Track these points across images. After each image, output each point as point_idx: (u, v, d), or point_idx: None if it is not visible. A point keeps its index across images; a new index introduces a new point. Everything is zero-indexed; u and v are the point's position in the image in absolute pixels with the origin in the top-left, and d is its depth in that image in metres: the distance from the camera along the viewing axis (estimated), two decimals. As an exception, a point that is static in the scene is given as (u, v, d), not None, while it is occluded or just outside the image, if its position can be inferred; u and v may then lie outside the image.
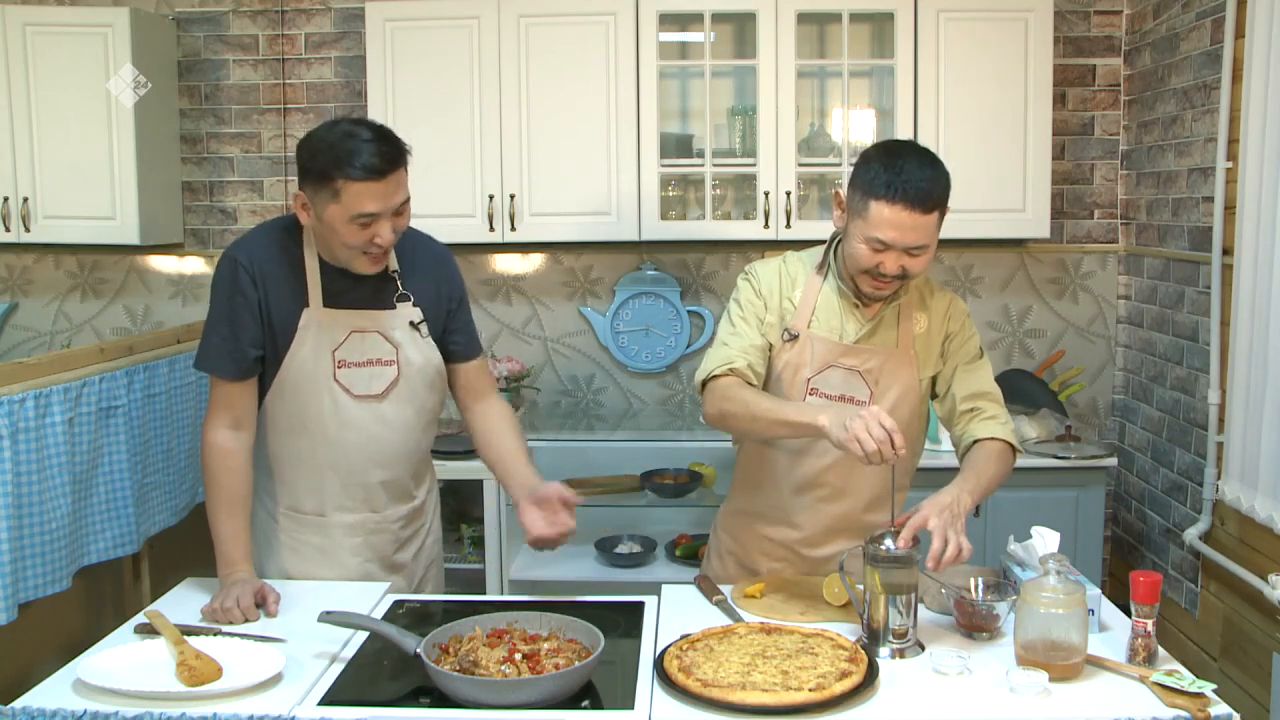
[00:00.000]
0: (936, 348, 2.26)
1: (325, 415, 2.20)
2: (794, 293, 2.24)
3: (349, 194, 2.03)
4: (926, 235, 2.06)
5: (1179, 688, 1.72)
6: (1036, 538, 2.09)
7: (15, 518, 2.31)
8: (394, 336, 2.24)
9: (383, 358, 2.23)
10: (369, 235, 2.09)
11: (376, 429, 2.24)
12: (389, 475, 2.30)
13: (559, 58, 3.65)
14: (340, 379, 2.20)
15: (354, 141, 2.03)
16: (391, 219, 2.10)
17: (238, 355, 2.16)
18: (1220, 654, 3.17)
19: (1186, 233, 3.45)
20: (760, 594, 2.16)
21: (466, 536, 3.71)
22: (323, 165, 2.04)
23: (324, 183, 2.05)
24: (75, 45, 3.66)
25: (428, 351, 2.28)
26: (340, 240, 2.10)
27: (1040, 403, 3.77)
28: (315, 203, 2.09)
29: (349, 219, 2.06)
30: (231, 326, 2.16)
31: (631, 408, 4.09)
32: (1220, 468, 3.14)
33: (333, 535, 2.29)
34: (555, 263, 4.07)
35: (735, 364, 2.16)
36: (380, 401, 2.23)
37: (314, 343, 2.18)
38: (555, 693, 1.72)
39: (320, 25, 4.04)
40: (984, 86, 3.61)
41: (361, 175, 2.02)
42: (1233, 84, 3.09)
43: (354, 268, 2.16)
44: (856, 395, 2.20)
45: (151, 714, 1.70)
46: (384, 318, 2.23)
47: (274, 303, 2.17)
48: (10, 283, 4.18)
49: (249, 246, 2.20)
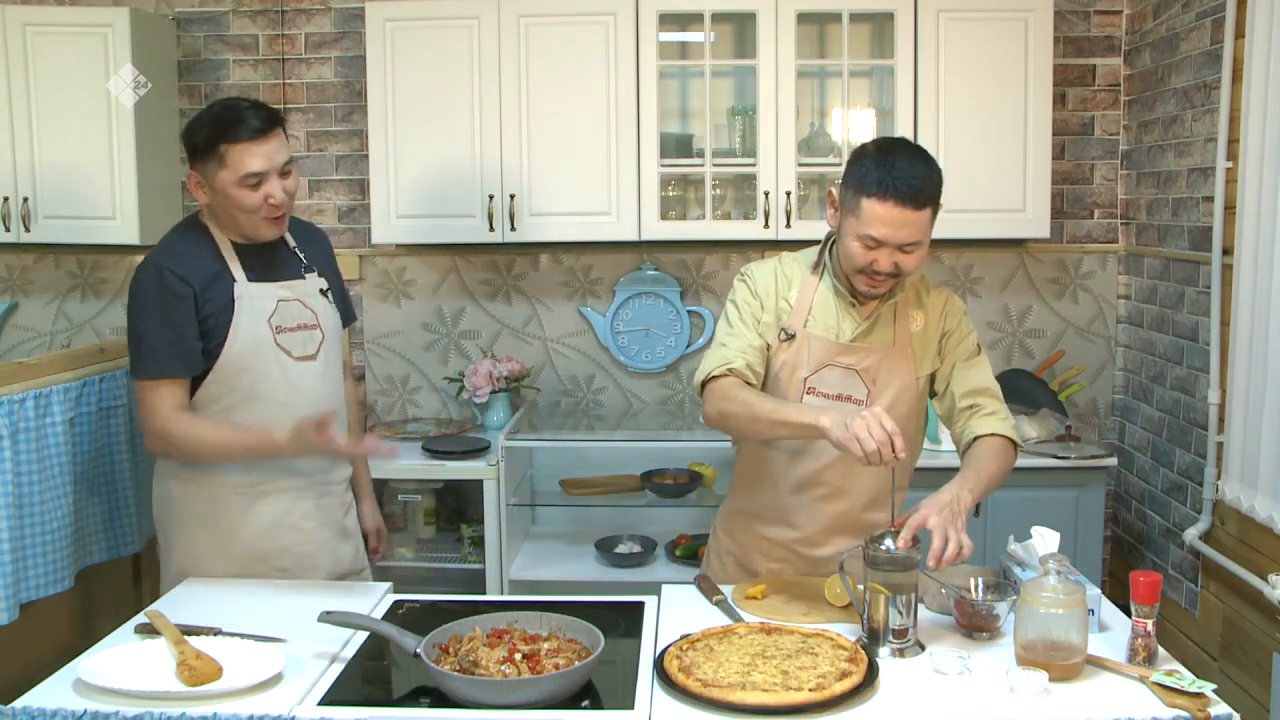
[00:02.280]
0: (934, 345, 2.27)
1: (274, 379, 2.34)
2: (790, 293, 2.25)
3: (234, 155, 2.23)
4: (919, 232, 2.08)
5: (1179, 688, 1.72)
6: (1036, 538, 2.09)
7: (16, 518, 2.31)
8: (311, 303, 2.42)
9: (307, 322, 2.40)
10: (261, 195, 2.26)
11: (319, 387, 2.41)
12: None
13: (559, 58, 3.65)
14: (280, 342, 2.35)
15: (232, 112, 2.25)
16: (279, 179, 2.28)
17: (185, 353, 2.28)
18: (1220, 654, 3.17)
19: (1186, 233, 3.45)
20: (762, 595, 2.16)
21: (466, 536, 3.71)
22: (207, 136, 2.24)
23: (211, 153, 2.24)
24: (75, 45, 3.66)
25: (335, 316, 2.49)
26: (237, 206, 2.27)
27: (1040, 403, 3.77)
28: (206, 175, 2.27)
29: (238, 180, 2.24)
30: (173, 328, 2.26)
31: (631, 408, 4.09)
32: (1220, 468, 3.14)
33: (285, 500, 2.39)
34: (555, 263, 4.07)
35: (734, 364, 2.17)
36: (315, 362, 2.40)
37: (250, 311, 2.32)
38: (555, 693, 1.72)
39: (320, 25, 4.04)
40: (984, 86, 3.61)
41: (245, 136, 2.22)
42: (1233, 84, 3.09)
43: (258, 234, 2.34)
44: (854, 394, 2.21)
45: (151, 714, 1.70)
46: (300, 286, 2.42)
47: (205, 293, 2.28)
48: (10, 283, 4.18)
49: (165, 252, 2.34)
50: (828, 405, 2.14)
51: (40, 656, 2.25)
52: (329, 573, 2.44)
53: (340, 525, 2.50)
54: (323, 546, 2.44)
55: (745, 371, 2.17)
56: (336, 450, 2.32)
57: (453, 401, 4.10)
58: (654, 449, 3.76)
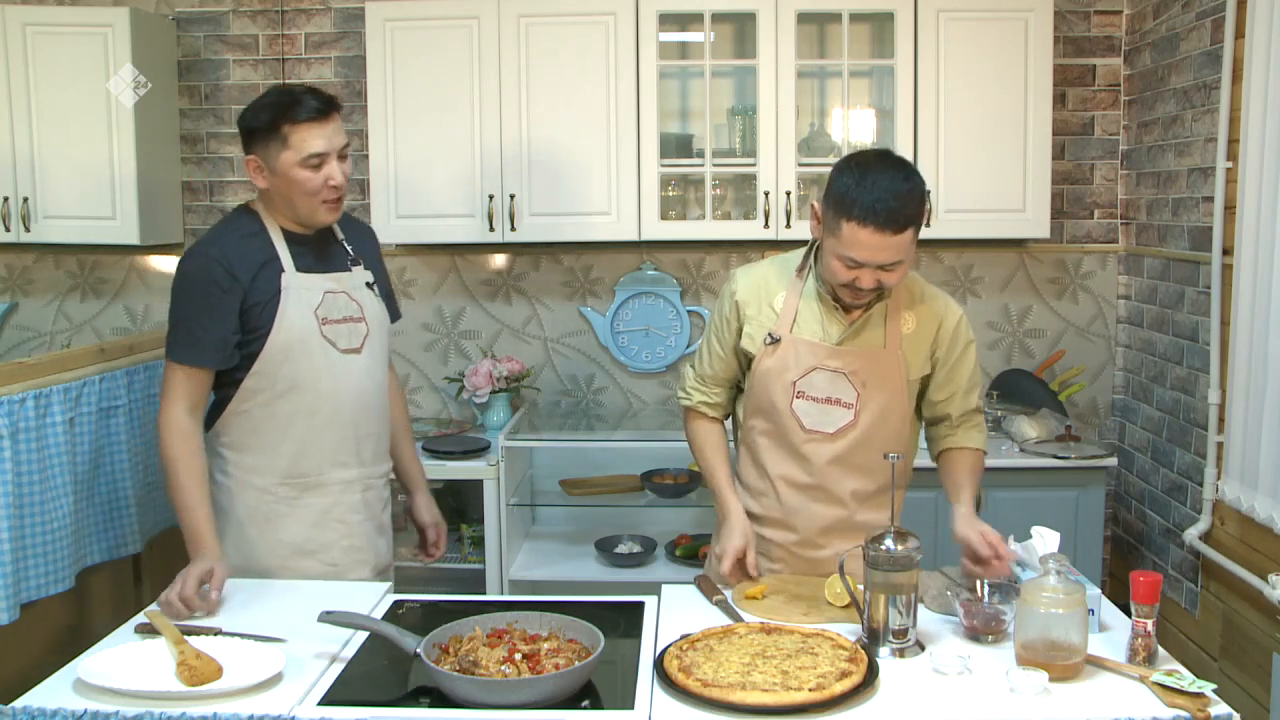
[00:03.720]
0: (925, 349, 2.25)
1: (319, 370, 2.33)
2: (775, 299, 2.26)
3: (297, 136, 2.24)
4: (899, 253, 2.06)
5: (1179, 688, 1.72)
6: (1036, 538, 2.09)
7: (16, 518, 2.31)
8: (357, 296, 2.42)
9: (353, 315, 2.40)
10: (323, 177, 2.27)
11: (364, 380, 2.40)
12: (374, 428, 2.46)
13: (559, 58, 3.65)
14: (326, 334, 2.34)
15: (292, 95, 2.27)
16: (338, 161, 2.29)
17: (217, 344, 2.27)
18: (1220, 654, 3.17)
19: (1186, 233, 3.45)
20: (762, 595, 2.16)
21: (466, 536, 3.71)
22: (270, 118, 2.25)
23: (273, 134, 2.25)
24: (75, 45, 3.66)
25: (382, 309, 2.50)
26: (299, 188, 2.27)
27: (1040, 403, 3.77)
28: (267, 158, 2.27)
29: (301, 161, 2.25)
30: (212, 318, 2.26)
31: (631, 408, 4.09)
32: (1220, 468, 3.14)
33: (333, 493, 2.40)
34: (555, 263, 4.07)
35: (690, 401, 2.39)
36: (359, 355, 2.40)
37: (297, 302, 2.31)
38: (555, 693, 1.72)
39: (320, 25, 4.04)
40: (984, 86, 3.61)
41: (306, 116, 2.24)
42: (1233, 84, 3.09)
43: (315, 219, 2.33)
44: (843, 397, 2.21)
45: (151, 714, 1.70)
46: (346, 278, 2.42)
47: (252, 283, 2.28)
48: (10, 283, 4.18)
49: (214, 241, 2.33)
50: (733, 509, 2.29)
51: (40, 656, 2.25)
52: (373, 567, 2.47)
53: (380, 521, 2.52)
54: (367, 540, 2.46)
55: (700, 408, 2.38)
56: (176, 615, 2.08)
57: (453, 401, 4.10)
58: (654, 449, 3.76)
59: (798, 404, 2.21)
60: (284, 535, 2.36)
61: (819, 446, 2.21)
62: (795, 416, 2.22)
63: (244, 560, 2.35)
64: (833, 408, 2.20)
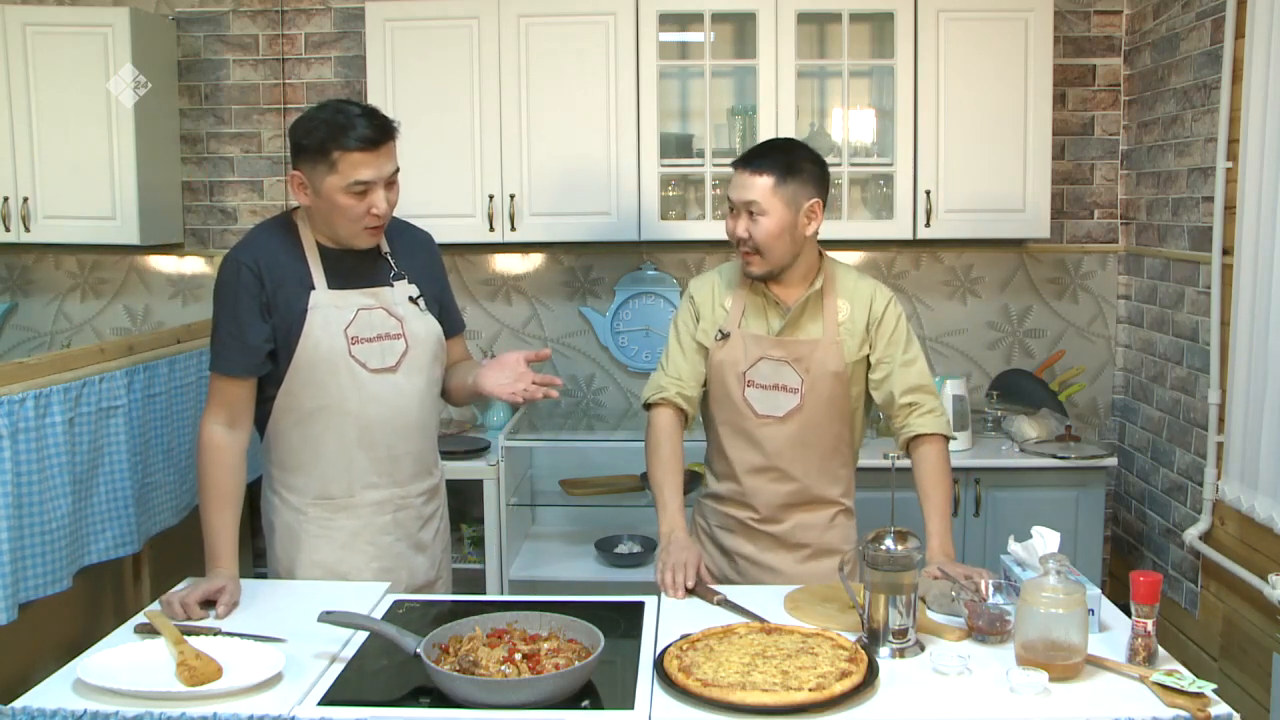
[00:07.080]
0: (860, 332, 2.43)
1: (346, 391, 2.27)
2: (726, 300, 2.48)
3: (346, 164, 2.17)
4: (757, 194, 2.32)
5: (1179, 688, 1.72)
6: (1036, 538, 2.09)
7: (15, 518, 2.31)
8: (397, 311, 2.33)
9: (390, 332, 2.32)
10: (366, 205, 2.21)
11: (397, 400, 2.33)
12: (411, 447, 2.38)
13: (559, 58, 3.65)
14: (355, 354, 2.27)
15: (346, 116, 2.18)
16: (385, 189, 2.23)
17: (248, 352, 2.24)
18: (1220, 654, 3.17)
19: (1186, 233, 3.45)
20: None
21: (466, 536, 3.71)
22: (320, 139, 2.17)
23: (321, 156, 2.17)
24: (75, 45, 3.66)
25: (430, 324, 2.38)
26: (340, 214, 2.22)
27: (1040, 403, 3.77)
28: (312, 178, 2.20)
29: (345, 188, 2.18)
30: (240, 325, 2.23)
31: (631, 408, 4.09)
32: (1220, 468, 3.14)
33: (363, 515, 2.35)
34: (555, 263, 4.07)
35: (667, 393, 2.46)
36: (394, 374, 2.31)
37: (324, 322, 2.26)
38: (555, 693, 1.72)
39: (320, 25, 4.04)
40: (984, 86, 3.61)
41: (357, 145, 2.16)
42: (1233, 84, 3.09)
43: (355, 243, 2.29)
44: (788, 383, 2.40)
45: (151, 714, 1.70)
46: (385, 294, 2.34)
47: (281, 294, 2.24)
48: (10, 283, 4.18)
49: (249, 246, 2.28)
50: (676, 529, 2.34)
51: (40, 656, 2.25)
52: (407, 586, 2.41)
53: (415, 539, 2.44)
54: (399, 560, 2.40)
55: (676, 399, 2.46)
56: (172, 615, 2.07)
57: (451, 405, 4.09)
58: (654, 449, 3.75)
59: (749, 392, 2.41)
60: (316, 556, 2.34)
61: (772, 430, 2.40)
62: (748, 404, 2.41)
63: (287, 574, 2.35)
64: (780, 393, 2.39)
